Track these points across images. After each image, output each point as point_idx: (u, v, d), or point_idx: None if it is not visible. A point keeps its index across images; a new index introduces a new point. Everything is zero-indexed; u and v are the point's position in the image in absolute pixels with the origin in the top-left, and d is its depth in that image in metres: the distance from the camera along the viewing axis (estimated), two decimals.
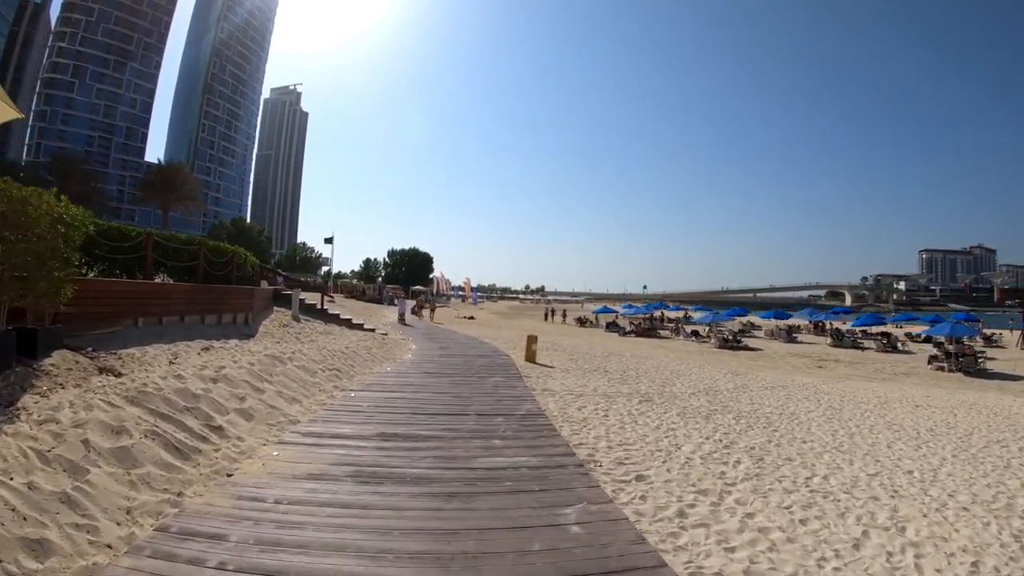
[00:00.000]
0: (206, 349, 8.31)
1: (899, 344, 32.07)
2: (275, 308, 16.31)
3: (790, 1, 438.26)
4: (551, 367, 13.79)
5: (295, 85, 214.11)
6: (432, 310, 38.95)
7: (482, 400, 8.32)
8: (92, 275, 9.32)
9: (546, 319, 45.91)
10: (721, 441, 7.48)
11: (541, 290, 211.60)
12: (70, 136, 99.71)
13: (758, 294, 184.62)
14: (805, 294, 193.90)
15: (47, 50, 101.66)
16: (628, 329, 36.34)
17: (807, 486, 5.67)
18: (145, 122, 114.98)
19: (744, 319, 43.33)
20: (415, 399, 8.08)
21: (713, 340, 31.59)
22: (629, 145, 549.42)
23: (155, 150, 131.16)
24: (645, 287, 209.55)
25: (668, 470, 5.82)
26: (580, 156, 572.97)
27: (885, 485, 5.83)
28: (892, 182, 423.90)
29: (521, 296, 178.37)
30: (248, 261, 15.04)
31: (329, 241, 43.88)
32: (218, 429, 5.41)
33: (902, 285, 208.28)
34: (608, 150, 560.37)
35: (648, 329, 36.45)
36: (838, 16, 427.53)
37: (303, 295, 18.79)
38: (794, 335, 37.12)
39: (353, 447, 5.38)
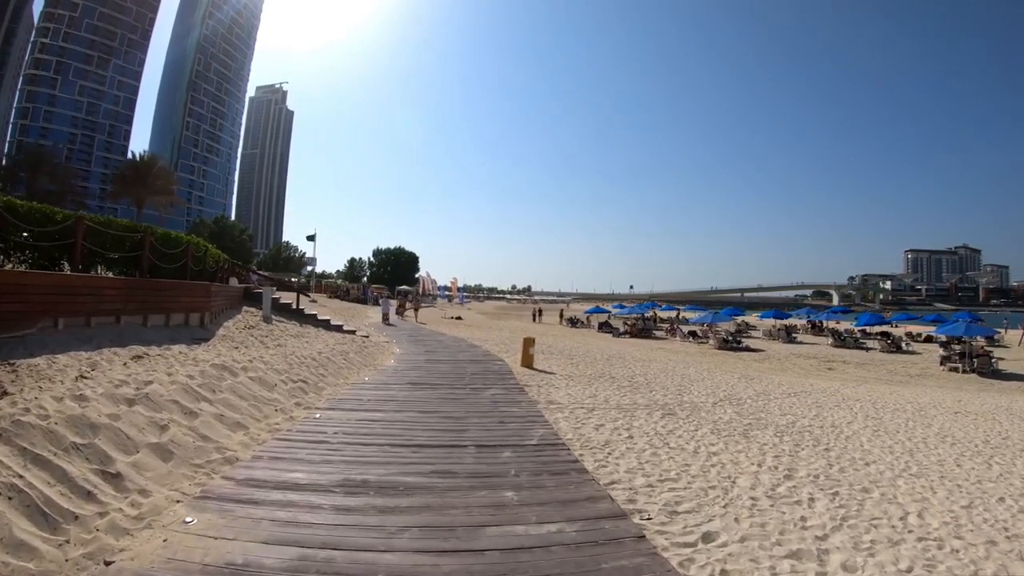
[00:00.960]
0: (137, 358, 6.67)
1: (903, 344, 31.13)
2: (246, 308, 14.67)
3: (776, 3, 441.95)
4: (551, 373, 12.31)
5: (281, 84, 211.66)
6: (416, 310, 37.47)
7: (481, 422, 6.78)
8: (10, 266, 7.68)
9: (534, 320, 44.34)
10: (777, 468, 6.09)
11: (528, 290, 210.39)
12: (52, 133, 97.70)
13: (746, 294, 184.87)
14: (792, 294, 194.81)
15: (29, 46, 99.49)
16: (622, 330, 34.98)
17: (908, 530, 4.57)
18: (128, 119, 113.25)
19: (739, 319, 42.26)
20: (396, 422, 6.54)
21: (712, 341, 30.35)
22: (615, 146, 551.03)
23: (139, 148, 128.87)
24: (632, 287, 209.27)
25: (736, 519, 4.38)
26: (566, 156, 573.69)
27: (991, 520, 4.90)
28: (877, 182, 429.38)
29: (508, 296, 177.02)
30: (210, 254, 13.37)
31: (311, 238, 41.93)
32: (114, 477, 3.83)
33: (888, 285, 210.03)
34: (594, 151, 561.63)
35: (642, 330, 35.12)
36: (824, 18, 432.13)
37: (277, 294, 17.13)
38: (793, 335, 36.05)
39: (303, 508, 3.81)
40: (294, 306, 16.71)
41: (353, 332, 16.20)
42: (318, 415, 6.55)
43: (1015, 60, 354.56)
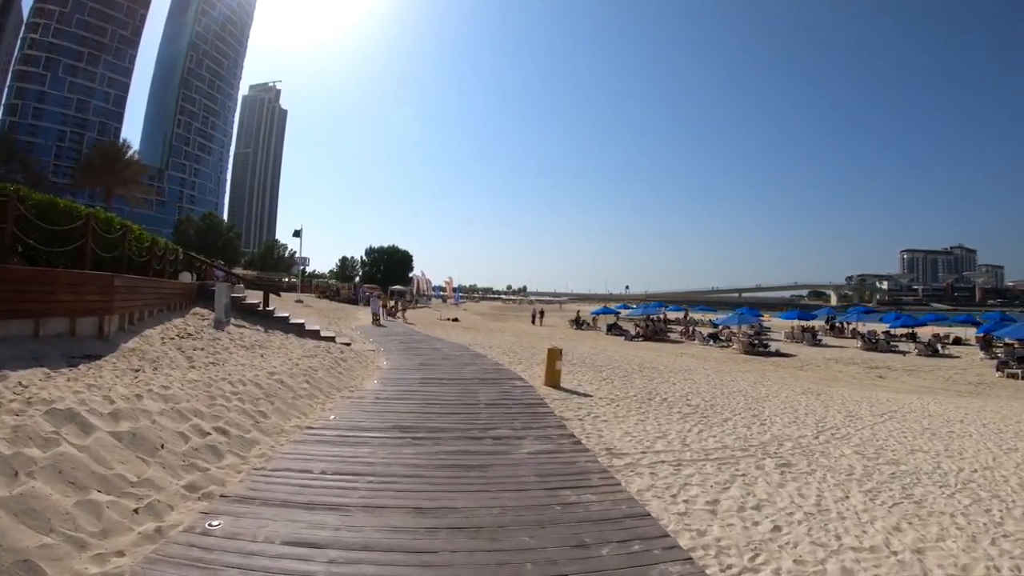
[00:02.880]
0: None
1: (938, 347, 28.59)
2: (199, 310, 11.65)
3: (773, 6, 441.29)
4: (586, 395, 9.38)
5: (274, 82, 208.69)
6: (403, 310, 34.90)
7: (537, 539, 3.50)
8: None
9: (533, 321, 41.19)
10: None
11: (523, 290, 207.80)
12: (42, 130, 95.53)
13: (743, 294, 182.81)
14: (788, 294, 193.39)
15: (19, 42, 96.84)
16: (633, 332, 32.06)
17: None
18: (119, 117, 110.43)
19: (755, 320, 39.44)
20: (367, 532, 3.48)
21: (736, 345, 27.55)
22: (611, 146, 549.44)
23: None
24: (627, 287, 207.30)
25: None
26: (562, 156, 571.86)
27: None
28: (871, 182, 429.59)
29: (503, 296, 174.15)
30: (141, 238, 10.31)
31: (297, 234, 38.86)
32: None
33: (885, 285, 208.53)
34: (591, 151, 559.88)
35: (656, 332, 32.25)
36: (821, 20, 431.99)
37: (242, 293, 14.15)
38: (818, 338, 33.34)
39: None
40: (262, 307, 13.69)
41: (332, 339, 13.19)
42: (215, 524, 3.39)
43: (1011, 60, 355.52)
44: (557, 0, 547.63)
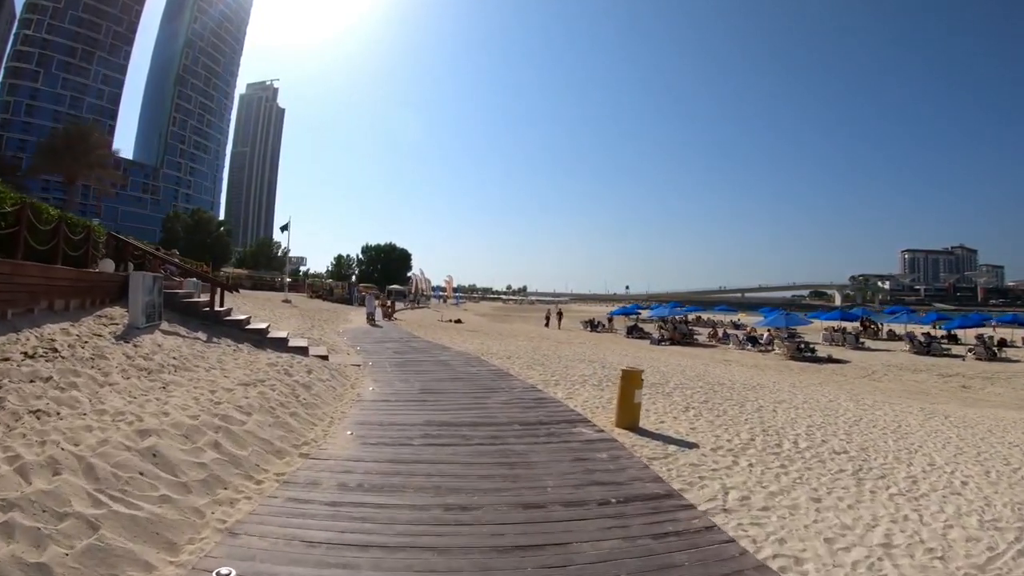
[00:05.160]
0: None
1: (995, 350, 25.53)
2: (124, 309, 8.26)
3: (772, 9, 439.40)
4: (690, 445, 6.01)
5: (272, 80, 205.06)
6: (392, 309, 32.05)
7: None
8: None
9: (547, 324, 37.22)
10: None
11: (523, 290, 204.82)
12: (34, 127, 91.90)
13: (746, 294, 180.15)
14: (789, 294, 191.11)
15: (11, 38, 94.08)
16: (658, 336, 28.67)
17: None
18: (113, 114, 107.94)
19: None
20: None
21: (781, 349, 24.25)
22: (610, 147, 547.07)
23: (124, 144, 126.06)
24: (627, 287, 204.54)
25: None
26: (561, 156, 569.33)
27: None
28: (869, 182, 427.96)
29: (503, 296, 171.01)
30: (45, 213, 6.97)
31: (285, 228, 35.40)
32: None
33: (887, 285, 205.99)
34: (589, 151, 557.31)
35: (683, 335, 28.90)
36: (820, 23, 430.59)
37: (182, 289, 10.74)
38: (861, 341, 30.11)
39: None
40: (212, 307, 10.22)
41: (303, 350, 9.71)
42: None
43: (1009, 60, 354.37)
44: (557, 0, 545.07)
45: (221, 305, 10.55)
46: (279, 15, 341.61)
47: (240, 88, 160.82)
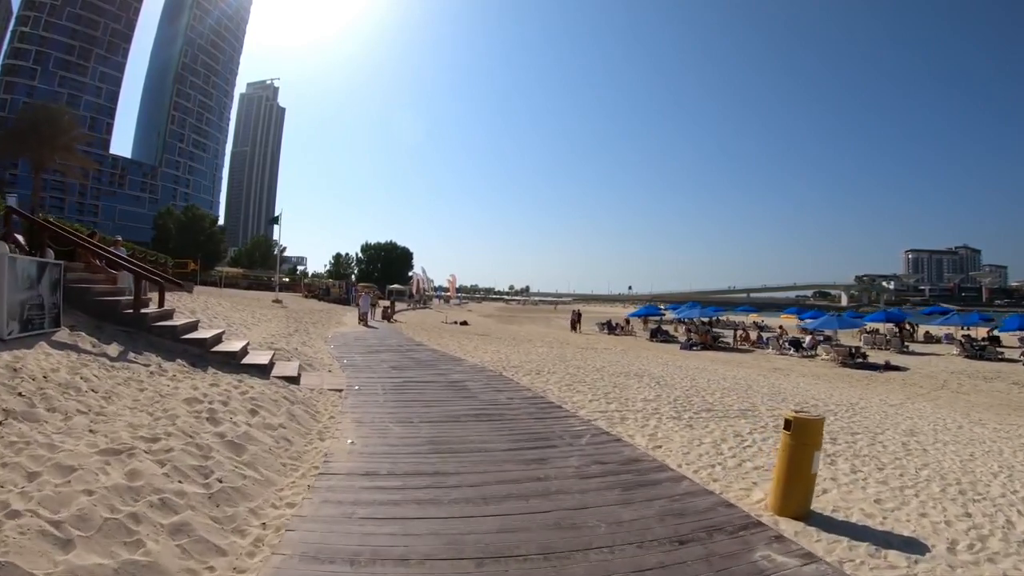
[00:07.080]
0: None
1: None
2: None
3: (773, 9, 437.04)
4: (912, 544, 3.35)
5: (272, 80, 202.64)
6: (392, 310, 29.81)
7: None
8: None
9: (574, 328, 33.77)
10: None
11: (525, 291, 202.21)
12: None
13: (751, 294, 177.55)
14: (793, 294, 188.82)
15: (8, 35, 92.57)
16: (686, 339, 25.94)
17: None
18: (111, 113, 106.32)
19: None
20: None
21: (828, 355, 21.59)
22: (612, 148, 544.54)
23: (123, 144, 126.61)
24: (631, 287, 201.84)
25: None
26: (562, 157, 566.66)
27: None
28: (873, 183, 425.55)
29: (506, 297, 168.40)
30: None
31: (274, 221, 32.81)
32: None
33: (891, 285, 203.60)
34: (591, 152, 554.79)
35: (715, 339, 26.26)
36: (822, 23, 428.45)
37: (110, 286, 8.05)
38: (906, 345, 27.51)
39: None
40: (137, 309, 7.39)
41: (262, 369, 6.99)
42: None
43: (1013, 61, 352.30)
44: (556, 1, 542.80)
45: (161, 305, 7.83)
46: (279, 15, 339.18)
47: (240, 87, 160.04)
